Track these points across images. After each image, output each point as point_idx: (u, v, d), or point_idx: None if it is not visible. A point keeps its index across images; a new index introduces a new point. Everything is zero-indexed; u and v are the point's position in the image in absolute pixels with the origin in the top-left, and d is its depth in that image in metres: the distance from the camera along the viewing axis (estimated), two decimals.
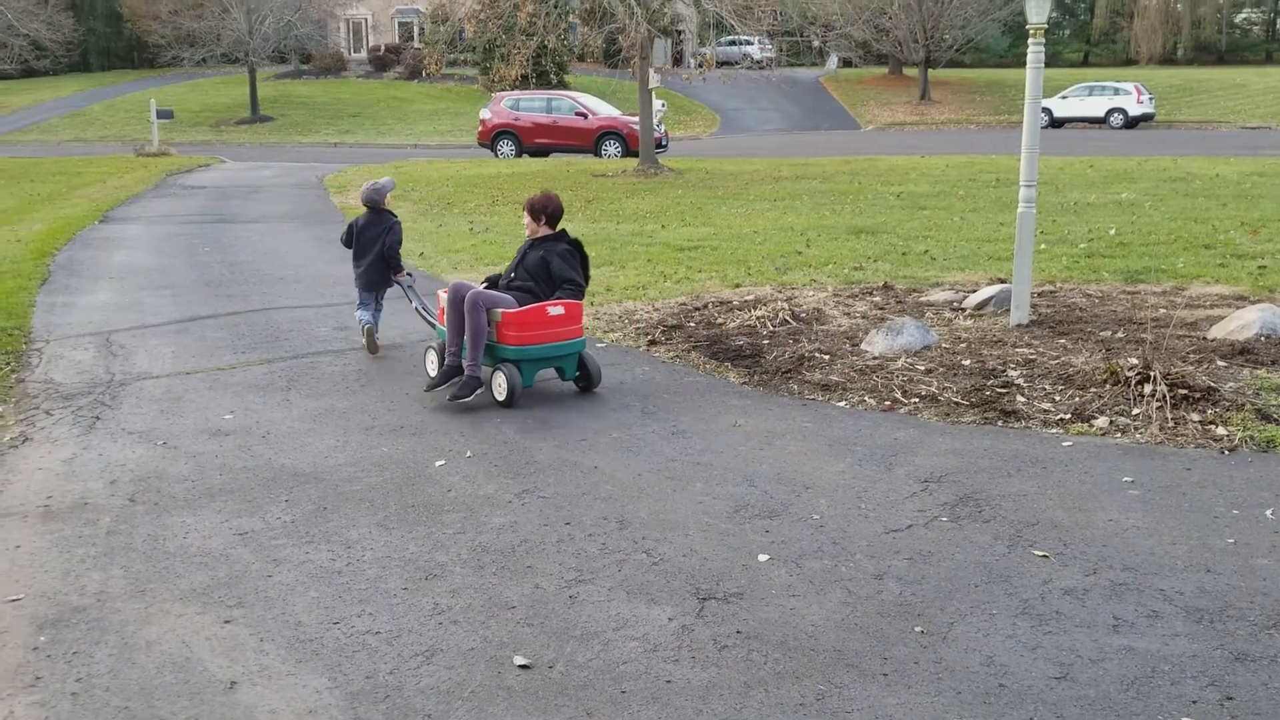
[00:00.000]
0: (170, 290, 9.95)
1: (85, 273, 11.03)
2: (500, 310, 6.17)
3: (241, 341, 7.83)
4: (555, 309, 6.22)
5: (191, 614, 3.68)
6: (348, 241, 7.71)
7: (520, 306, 6.22)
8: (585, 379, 6.42)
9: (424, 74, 45.83)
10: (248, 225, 14.79)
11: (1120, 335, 6.97)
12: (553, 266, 6.36)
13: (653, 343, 7.44)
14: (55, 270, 11.15)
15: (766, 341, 7.18)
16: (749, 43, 39.04)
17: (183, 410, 6.13)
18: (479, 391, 6.17)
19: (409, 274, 7.66)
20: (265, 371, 6.98)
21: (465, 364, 6.20)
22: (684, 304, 8.50)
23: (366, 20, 59.65)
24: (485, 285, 6.57)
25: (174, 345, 7.74)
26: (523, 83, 24.91)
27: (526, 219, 6.52)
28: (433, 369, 6.58)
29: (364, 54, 57.35)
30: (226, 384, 6.69)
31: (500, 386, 6.16)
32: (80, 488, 4.93)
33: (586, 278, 6.55)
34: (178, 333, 8.17)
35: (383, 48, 55.72)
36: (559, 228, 6.58)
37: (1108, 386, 5.80)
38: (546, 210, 6.48)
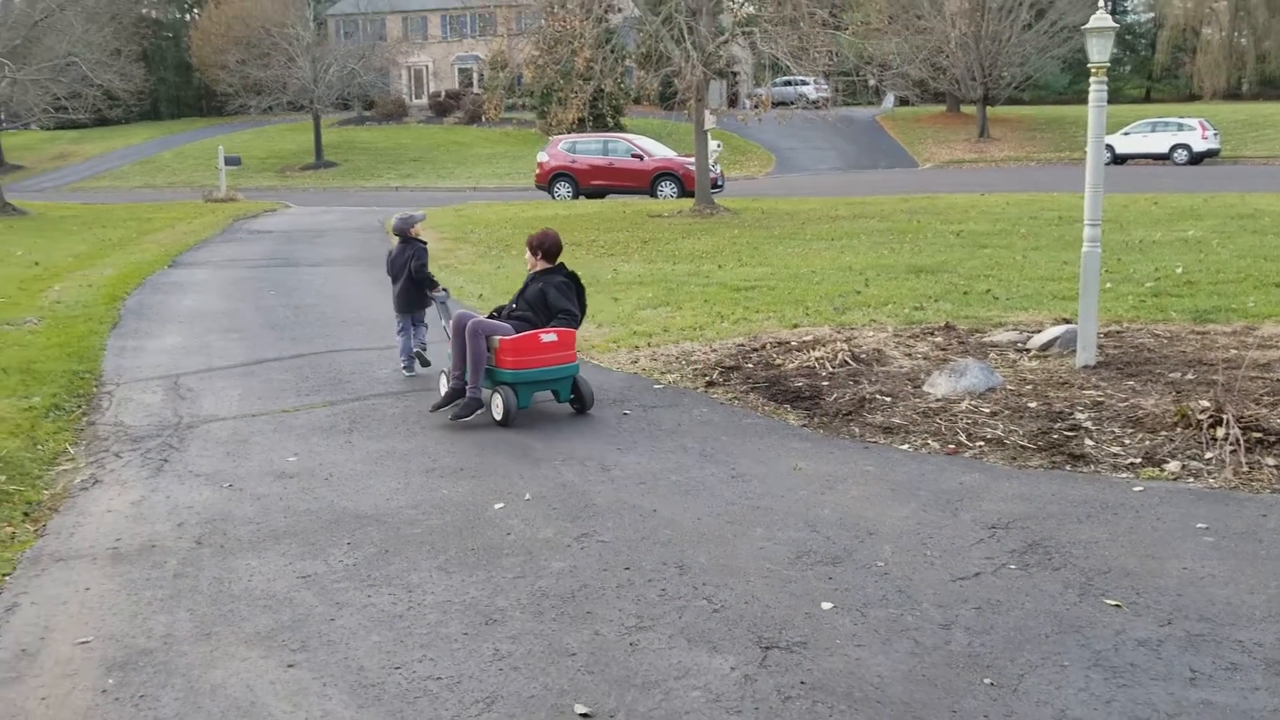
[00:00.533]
0: (237, 333, 10.14)
1: (154, 316, 11.30)
2: (498, 337, 6.64)
3: (306, 384, 7.95)
4: (548, 336, 6.70)
5: (255, 658, 3.71)
6: (389, 269, 8.36)
7: (517, 334, 6.65)
8: (579, 401, 6.83)
9: (483, 119, 46.56)
10: (311, 269, 15.06)
11: (1190, 377, 6.82)
12: (549, 298, 6.89)
13: (710, 384, 7.42)
14: (125, 314, 11.44)
15: (826, 383, 7.12)
16: (804, 83, 39.10)
17: (248, 452, 6.23)
18: (479, 412, 6.70)
19: (444, 290, 8.11)
20: (328, 414, 7.07)
21: (467, 387, 6.70)
22: (741, 345, 8.47)
23: (427, 67, 60.91)
24: (492, 315, 7.07)
25: (240, 388, 7.88)
26: (579, 126, 25.18)
27: (527, 254, 7.09)
28: (444, 391, 6.99)
29: (425, 100, 58.52)
30: (291, 426, 6.78)
31: (498, 407, 6.64)
32: (148, 530, 5.01)
33: (583, 308, 7.09)
34: (244, 375, 8.31)
35: (443, 94, 56.84)
36: (558, 261, 7.08)
37: (1179, 430, 5.67)
38: (543, 246, 7.01)
